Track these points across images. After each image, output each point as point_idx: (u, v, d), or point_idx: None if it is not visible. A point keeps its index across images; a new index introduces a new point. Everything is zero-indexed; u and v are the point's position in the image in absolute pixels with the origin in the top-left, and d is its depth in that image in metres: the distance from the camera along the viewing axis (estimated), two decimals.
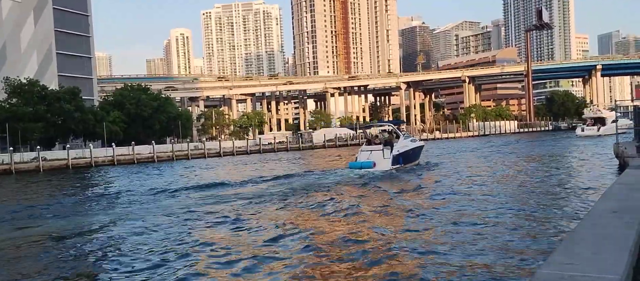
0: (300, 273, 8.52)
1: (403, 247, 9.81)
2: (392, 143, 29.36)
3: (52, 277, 9.01)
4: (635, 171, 13.06)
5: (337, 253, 9.75)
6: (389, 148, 28.43)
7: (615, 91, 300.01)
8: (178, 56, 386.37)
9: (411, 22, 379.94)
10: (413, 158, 31.25)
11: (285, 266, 8.88)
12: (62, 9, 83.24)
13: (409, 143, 31.32)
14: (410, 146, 31.20)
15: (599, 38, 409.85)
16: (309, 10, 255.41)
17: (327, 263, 9.08)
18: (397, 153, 28.58)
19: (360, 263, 8.87)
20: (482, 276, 7.81)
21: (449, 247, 9.57)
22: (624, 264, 4.20)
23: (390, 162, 27.68)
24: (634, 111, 28.36)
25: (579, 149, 43.25)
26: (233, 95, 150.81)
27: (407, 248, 9.69)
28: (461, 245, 9.71)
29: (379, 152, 27.98)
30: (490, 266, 8.22)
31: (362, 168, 27.11)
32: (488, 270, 8.05)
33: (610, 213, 6.62)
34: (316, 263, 9.11)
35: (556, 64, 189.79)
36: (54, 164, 53.28)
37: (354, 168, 27.60)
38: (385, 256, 9.20)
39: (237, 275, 8.52)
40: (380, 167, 27.01)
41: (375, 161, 27.37)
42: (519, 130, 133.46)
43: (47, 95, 64.43)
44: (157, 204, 18.12)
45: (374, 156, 27.89)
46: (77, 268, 9.69)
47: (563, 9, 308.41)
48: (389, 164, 27.53)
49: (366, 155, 28.34)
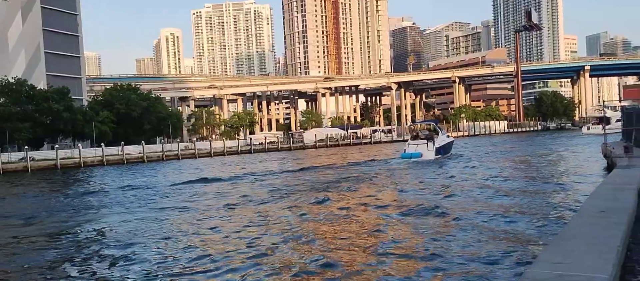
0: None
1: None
2: (433, 137, 36.71)
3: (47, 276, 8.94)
4: (622, 171, 13.21)
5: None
6: (431, 142, 35.47)
7: (603, 92, 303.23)
8: (168, 55, 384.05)
9: (402, 22, 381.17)
10: (449, 150, 39.19)
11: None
12: (51, 8, 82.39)
13: (446, 138, 39.77)
14: (447, 140, 39.52)
15: (588, 39, 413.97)
16: (300, 11, 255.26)
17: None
18: (439, 146, 35.83)
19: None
20: (470, 276, 7.84)
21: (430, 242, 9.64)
22: (612, 263, 4.25)
23: (434, 153, 34.67)
24: (622, 111, 28.71)
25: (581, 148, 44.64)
26: (224, 95, 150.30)
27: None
28: (446, 239, 9.76)
29: (424, 145, 35.12)
30: (477, 265, 8.26)
31: (412, 157, 33.96)
32: (475, 270, 8.08)
33: (598, 213, 6.69)
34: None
35: (545, 64, 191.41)
36: (42, 164, 52.77)
37: (405, 157, 34.43)
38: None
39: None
40: (426, 157, 33.99)
41: (422, 152, 34.42)
42: (508, 130, 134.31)
43: (35, 95, 63.78)
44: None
45: (420, 148, 35.02)
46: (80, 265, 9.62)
47: (552, 10, 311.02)
48: (433, 154, 34.58)
49: (414, 147, 35.45)
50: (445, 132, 44.54)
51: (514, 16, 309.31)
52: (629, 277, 4.59)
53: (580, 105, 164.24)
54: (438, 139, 36.99)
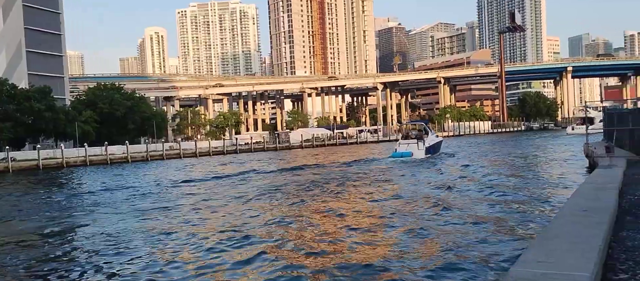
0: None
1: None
2: (423, 137, 38.42)
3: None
4: (604, 171, 13.41)
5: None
6: (422, 141, 37.18)
7: (585, 93, 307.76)
8: (153, 55, 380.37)
9: (387, 23, 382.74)
10: (438, 149, 40.91)
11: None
12: (32, 6, 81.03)
13: (435, 138, 41.67)
14: (436, 140, 41.41)
15: (570, 40, 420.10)
16: (285, 11, 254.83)
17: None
18: (428, 145, 37.46)
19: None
20: (454, 275, 7.89)
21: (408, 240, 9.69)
22: (593, 262, 4.31)
23: (424, 152, 36.26)
24: (603, 112, 29.13)
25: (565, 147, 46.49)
26: (209, 95, 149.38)
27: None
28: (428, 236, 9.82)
29: (414, 144, 36.87)
30: (461, 264, 8.31)
31: (403, 156, 35.54)
32: (459, 269, 8.13)
33: (581, 212, 6.77)
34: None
35: (529, 65, 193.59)
36: (24, 164, 51.93)
37: (396, 157, 35.71)
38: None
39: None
40: (417, 156, 35.63)
41: (413, 152, 36.08)
42: (492, 131, 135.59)
43: (16, 94, 62.69)
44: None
45: (411, 147, 36.73)
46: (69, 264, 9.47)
47: (535, 12, 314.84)
48: (423, 153, 36.12)
49: (405, 147, 37.13)
50: (434, 133, 46.79)
51: (498, 17, 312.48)
52: (610, 275, 4.66)
53: (562, 106, 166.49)
54: (428, 139, 38.71)
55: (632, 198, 9.09)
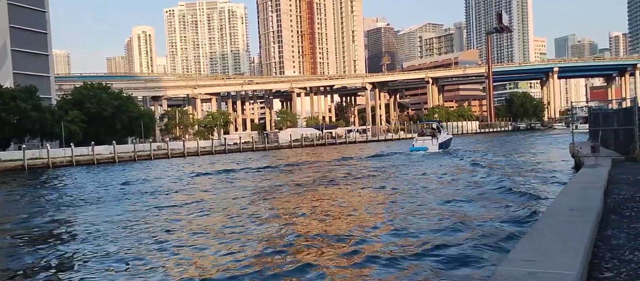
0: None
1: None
2: (436, 135, 46.58)
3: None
4: (590, 170, 13.59)
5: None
6: (435, 138, 45.30)
7: (571, 93, 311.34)
8: (140, 54, 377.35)
9: (376, 23, 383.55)
10: (448, 145, 48.15)
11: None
12: (18, 4, 79.93)
13: (446, 136, 49.45)
14: (447, 138, 49.25)
15: (556, 41, 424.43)
16: (274, 10, 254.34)
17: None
18: (441, 142, 45.41)
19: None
20: (442, 275, 7.96)
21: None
22: (580, 260, 4.38)
23: (437, 147, 43.92)
24: (588, 112, 29.45)
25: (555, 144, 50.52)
26: (197, 94, 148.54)
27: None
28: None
29: (429, 140, 44.95)
30: (449, 264, 8.38)
31: (419, 150, 43.22)
32: (447, 268, 8.20)
33: (567, 211, 6.86)
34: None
35: (516, 66, 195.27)
36: (9, 165, 51.25)
37: (414, 150, 43.38)
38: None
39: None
40: (431, 150, 43.18)
41: (428, 146, 43.66)
42: (480, 130, 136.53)
43: (1, 93, 61.80)
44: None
45: (426, 143, 44.59)
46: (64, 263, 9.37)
47: (522, 13, 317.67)
48: (437, 148, 43.85)
49: (421, 142, 45.11)
50: (446, 131, 55.10)
51: (486, 18, 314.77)
52: (596, 274, 4.75)
53: (549, 106, 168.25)
54: (440, 136, 46.56)
55: (617, 197, 9.23)
